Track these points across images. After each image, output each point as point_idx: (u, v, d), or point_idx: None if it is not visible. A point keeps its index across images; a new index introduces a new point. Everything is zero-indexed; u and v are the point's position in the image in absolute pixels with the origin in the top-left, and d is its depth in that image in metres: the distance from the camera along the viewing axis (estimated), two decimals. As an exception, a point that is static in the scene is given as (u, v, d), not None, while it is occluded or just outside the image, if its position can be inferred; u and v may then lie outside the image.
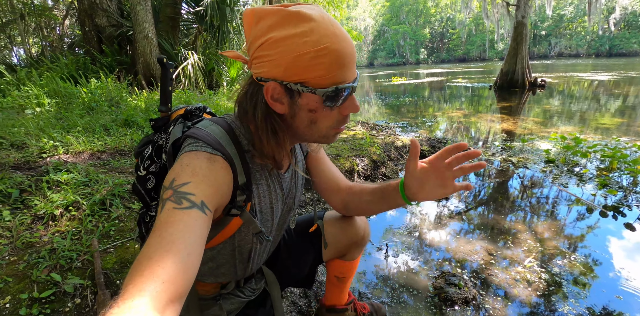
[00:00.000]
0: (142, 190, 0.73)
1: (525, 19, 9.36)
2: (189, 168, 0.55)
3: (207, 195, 0.54)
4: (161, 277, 0.41)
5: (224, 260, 0.76)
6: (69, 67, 4.60)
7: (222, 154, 0.59)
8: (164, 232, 0.46)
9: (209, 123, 0.65)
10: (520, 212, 2.29)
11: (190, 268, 0.46)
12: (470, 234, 2.02)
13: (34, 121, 2.59)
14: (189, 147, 0.59)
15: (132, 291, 0.39)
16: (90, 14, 5.45)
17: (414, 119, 6.03)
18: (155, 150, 0.73)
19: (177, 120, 0.72)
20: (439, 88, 12.03)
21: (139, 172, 0.73)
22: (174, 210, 0.49)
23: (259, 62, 0.57)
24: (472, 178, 3.03)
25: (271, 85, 0.57)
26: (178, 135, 0.66)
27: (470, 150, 0.66)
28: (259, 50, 0.56)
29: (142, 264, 0.43)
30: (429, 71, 26.08)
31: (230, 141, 0.63)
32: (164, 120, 0.75)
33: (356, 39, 11.12)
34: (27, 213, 1.51)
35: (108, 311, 0.37)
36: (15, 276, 1.21)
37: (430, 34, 59.33)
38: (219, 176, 0.58)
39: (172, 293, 0.42)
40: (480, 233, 2.03)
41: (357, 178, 2.79)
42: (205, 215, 0.51)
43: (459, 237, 1.98)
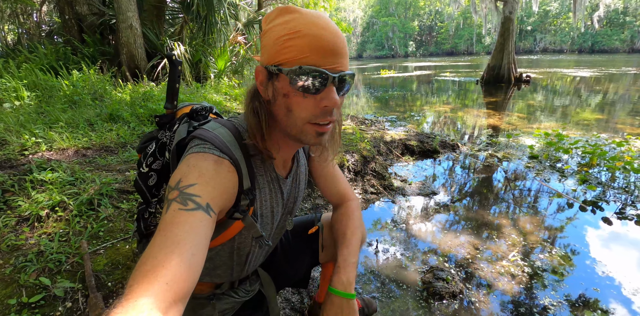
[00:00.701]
0: (144, 186, 0.74)
1: (512, 15, 9.47)
2: (196, 170, 0.55)
3: (213, 198, 0.54)
4: (165, 278, 0.42)
5: (221, 262, 0.77)
6: (49, 58, 4.40)
7: (229, 158, 0.60)
8: (169, 232, 0.47)
9: (217, 125, 0.65)
10: (504, 206, 2.38)
11: (194, 269, 0.46)
12: (457, 228, 2.09)
13: (14, 116, 2.49)
14: (196, 148, 0.59)
15: (136, 291, 0.39)
16: (70, 1, 5.20)
17: (403, 113, 6.08)
18: (159, 147, 0.73)
19: (183, 119, 0.72)
20: (427, 82, 12.13)
21: (141, 168, 0.74)
22: (179, 211, 0.50)
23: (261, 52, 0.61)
24: (458, 171, 3.11)
25: (258, 69, 0.61)
26: (183, 135, 0.66)
27: None
28: (261, 43, 0.62)
29: (147, 264, 0.43)
30: (418, 64, 26.20)
31: (237, 145, 0.64)
32: (169, 117, 0.75)
33: (345, 31, 11.01)
34: (11, 215, 1.47)
35: (112, 311, 0.37)
36: (2, 280, 1.18)
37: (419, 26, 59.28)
38: (225, 179, 0.58)
39: (176, 293, 0.42)
40: (466, 227, 2.09)
41: (347, 173, 2.81)
42: (210, 217, 0.52)
43: (446, 232, 2.04)
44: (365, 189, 2.76)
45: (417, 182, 2.86)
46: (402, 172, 3.16)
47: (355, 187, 2.76)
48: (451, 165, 3.29)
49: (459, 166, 3.27)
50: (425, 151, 3.66)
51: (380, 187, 2.80)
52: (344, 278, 0.77)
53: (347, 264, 0.79)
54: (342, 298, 0.75)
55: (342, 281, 0.77)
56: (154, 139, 0.75)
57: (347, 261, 0.80)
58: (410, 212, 2.33)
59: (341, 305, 0.75)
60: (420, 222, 2.17)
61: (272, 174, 0.73)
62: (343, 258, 0.81)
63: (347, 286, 0.76)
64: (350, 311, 0.75)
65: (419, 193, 2.67)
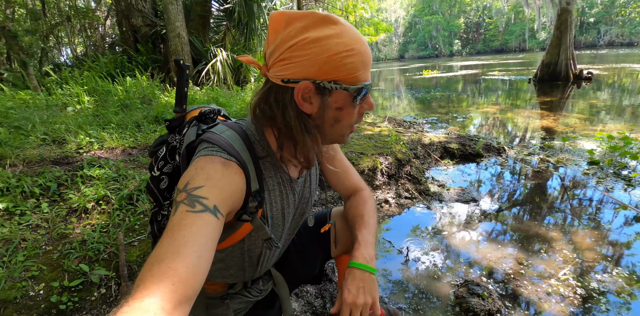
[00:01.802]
0: (156, 189, 0.75)
1: (570, 6, 8.59)
2: (204, 172, 0.55)
3: (220, 200, 0.54)
4: (171, 279, 0.42)
5: (232, 262, 0.77)
6: (108, 66, 4.88)
7: (236, 160, 0.60)
8: (176, 233, 0.48)
9: (225, 128, 0.66)
10: (557, 217, 2.13)
11: (201, 270, 0.47)
12: (499, 240, 1.90)
13: (74, 118, 2.77)
14: (204, 151, 0.60)
15: (143, 291, 0.40)
16: (126, 15, 5.72)
17: (445, 115, 5.79)
18: (169, 151, 0.74)
19: (192, 122, 0.73)
20: (473, 82, 11.46)
21: (152, 172, 0.75)
22: (187, 212, 0.50)
23: (289, 63, 0.57)
24: (504, 176, 2.86)
25: (304, 84, 0.57)
26: (192, 138, 0.67)
27: None
28: (289, 52, 0.56)
29: (154, 265, 0.44)
30: (463, 63, 24.89)
31: (245, 147, 0.64)
32: (178, 121, 0.76)
33: (386, 31, 10.82)
34: (62, 206, 1.62)
35: (119, 310, 0.38)
36: (50, 265, 1.30)
37: (465, 24, 56.39)
38: (232, 181, 0.58)
39: (182, 294, 0.43)
40: (511, 238, 1.90)
41: (380, 177, 2.72)
42: (217, 219, 0.52)
43: (486, 243, 1.87)
44: (399, 193, 2.64)
45: (456, 188, 2.68)
46: (440, 176, 2.98)
47: (389, 190, 2.65)
48: (496, 170, 3.04)
49: (505, 171, 3.01)
50: (467, 155, 3.43)
51: (416, 192, 2.66)
52: (365, 253, 0.77)
53: (366, 242, 0.79)
54: (364, 271, 0.74)
55: (364, 256, 0.76)
56: (164, 143, 0.76)
57: (367, 239, 0.80)
58: (447, 220, 2.18)
59: (363, 278, 0.74)
60: (457, 231, 2.02)
61: (283, 176, 0.72)
62: (362, 236, 0.80)
63: (370, 261, 0.76)
64: (372, 286, 0.74)
65: (457, 199, 2.49)
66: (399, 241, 1.92)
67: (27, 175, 1.76)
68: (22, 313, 1.12)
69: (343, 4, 11.14)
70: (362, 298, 0.72)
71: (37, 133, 2.31)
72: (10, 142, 2.12)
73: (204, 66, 5.67)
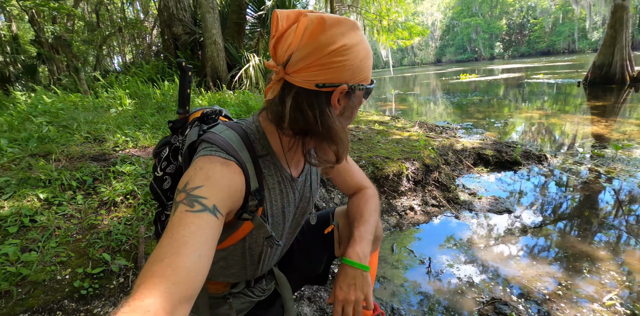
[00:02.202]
0: (159, 190, 0.77)
1: (626, 1, 7.83)
2: (203, 172, 0.56)
3: (220, 199, 0.54)
4: (171, 279, 0.43)
5: (234, 261, 0.77)
6: (150, 72, 5.23)
7: (235, 159, 0.60)
8: (176, 233, 0.48)
9: (224, 128, 0.66)
10: (607, 234, 1.90)
11: (201, 270, 0.47)
12: (536, 255, 1.73)
13: (115, 119, 2.98)
14: (204, 151, 0.60)
15: (143, 291, 0.41)
16: (168, 24, 6.11)
17: (482, 120, 5.50)
18: (172, 151, 0.75)
19: (194, 123, 0.74)
20: (515, 86, 10.81)
21: (155, 172, 0.76)
22: (186, 212, 0.50)
23: (327, 68, 0.57)
24: (544, 186, 2.62)
25: (342, 88, 0.59)
26: (194, 138, 0.68)
27: None
28: (328, 57, 0.56)
29: (154, 265, 0.44)
30: (505, 66, 23.61)
31: (244, 146, 0.64)
32: (181, 122, 0.78)
33: (420, 34, 10.57)
34: (95, 199, 1.73)
35: (119, 310, 0.39)
36: (77, 252, 1.39)
37: (507, 25, 53.62)
38: (231, 181, 0.58)
39: (182, 294, 0.43)
40: (549, 255, 1.72)
41: (405, 183, 2.61)
42: (217, 218, 0.52)
43: (520, 258, 1.71)
44: (426, 201, 2.52)
45: (489, 197, 2.50)
46: (472, 184, 2.81)
47: (414, 197, 2.54)
48: (535, 180, 2.80)
49: (546, 181, 2.76)
50: (503, 162, 3.21)
51: (443, 200, 2.53)
52: (359, 250, 0.77)
53: (362, 239, 0.79)
54: (356, 269, 0.75)
55: (357, 253, 0.76)
56: (168, 144, 0.77)
57: (363, 237, 0.79)
58: (476, 231, 2.03)
59: (355, 276, 0.74)
60: (486, 243, 1.87)
61: (283, 174, 0.71)
62: (359, 233, 0.80)
63: (362, 258, 0.76)
64: (364, 282, 0.74)
65: (489, 209, 2.32)
66: (421, 251, 1.82)
67: (68, 169, 1.90)
68: (48, 295, 1.20)
69: (377, 8, 11.06)
70: (353, 294, 0.73)
71: (82, 132, 2.51)
72: (57, 139, 2.31)
73: (237, 71, 5.88)
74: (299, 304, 1.42)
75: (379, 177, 2.51)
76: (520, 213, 2.21)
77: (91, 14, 9.50)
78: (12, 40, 8.45)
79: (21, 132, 2.31)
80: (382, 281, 1.56)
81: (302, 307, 1.41)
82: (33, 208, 1.55)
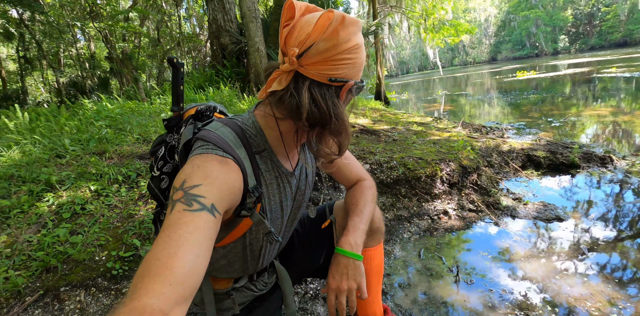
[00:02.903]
0: (157, 189, 0.77)
1: None
2: (200, 171, 0.55)
3: (218, 198, 0.54)
4: (168, 279, 0.42)
5: (236, 258, 0.77)
6: (199, 79, 5.66)
7: (232, 157, 0.60)
8: (173, 233, 0.47)
9: (219, 125, 0.66)
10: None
11: (198, 270, 0.46)
12: (585, 271, 1.50)
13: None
14: (200, 149, 0.60)
15: (140, 292, 0.40)
16: (217, 35, 6.56)
17: (537, 119, 5.00)
18: (168, 150, 0.75)
19: (188, 121, 0.74)
20: (583, 81, 9.64)
21: (153, 172, 0.77)
22: (183, 211, 0.50)
23: (341, 64, 0.60)
24: (606, 192, 2.28)
25: (350, 84, 0.63)
26: (189, 136, 0.68)
27: None
28: (344, 53, 0.59)
29: (151, 264, 0.44)
30: (571, 61, 21.18)
31: (241, 143, 0.64)
32: (176, 120, 0.77)
33: (468, 32, 9.99)
34: (136, 192, 1.91)
35: (116, 311, 0.39)
36: (115, 237, 1.55)
37: (573, 16, 48.11)
38: (229, 179, 0.58)
39: (179, 294, 0.42)
40: (602, 271, 1.49)
41: (439, 185, 2.46)
42: (215, 217, 0.52)
43: (565, 273, 1.50)
44: (462, 205, 2.35)
45: (537, 203, 2.25)
46: (518, 188, 2.56)
47: (449, 201, 2.38)
48: (595, 185, 2.46)
49: (609, 186, 2.41)
50: (558, 164, 2.87)
51: (482, 204, 2.33)
52: (352, 240, 0.77)
53: (356, 229, 0.79)
54: (348, 258, 0.75)
55: (350, 242, 0.76)
56: (163, 143, 0.77)
57: (357, 226, 0.79)
58: (517, 239, 1.83)
59: (347, 265, 0.75)
60: (527, 255, 1.67)
61: (280, 169, 0.71)
62: (353, 223, 0.80)
63: (355, 247, 0.76)
64: (356, 271, 0.75)
65: (536, 216, 2.09)
66: (451, 258, 1.69)
67: (117, 165, 2.13)
68: (86, 273, 1.35)
69: (422, 6, 10.68)
70: (346, 284, 0.74)
71: (134, 134, 2.79)
72: (112, 140, 2.60)
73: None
74: (313, 303, 1.40)
75: (410, 179, 2.40)
76: (573, 223, 1.95)
77: (154, 31, 10.62)
78: (90, 57, 9.77)
79: (84, 133, 2.64)
80: (404, 287, 1.48)
81: (317, 307, 1.39)
82: (85, 198, 1.76)
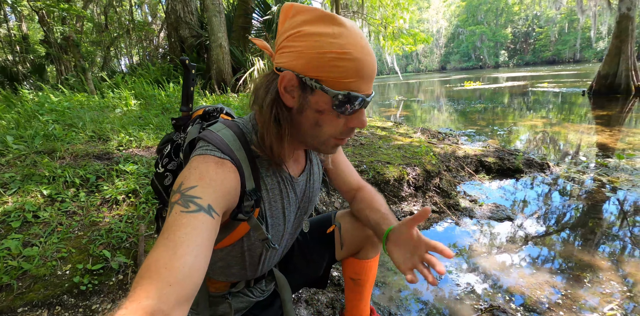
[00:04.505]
0: (160, 186, 0.77)
1: (631, 11, 7.84)
2: (197, 172, 0.56)
3: (214, 199, 0.54)
4: (168, 280, 0.42)
5: (234, 261, 0.77)
6: (156, 73, 5.29)
7: (230, 159, 0.60)
8: (172, 234, 0.48)
9: (222, 126, 0.66)
10: (608, 245, 1.88)
11: (197, 270, 0.46)
12: (536, 264, 1.72)
13: (120, 119, 3.01)
14: (199, 150, 0.61)
15: (140, 293, 0.41)
16: (175, 27, 6.20)
17: (485, 127, 5.50)
18: (174, 148, 0.76)
19: (196, 121, 0.75)
20: (519, 94, 10.80)
21: (157, 168, 0.77)
22: (181, 213, 0.50)
23: (283, 52, 0.58)
24: (546, 195, 2.61)
25: (287, 75, 0.57)
26: (194, 136, 0.68)
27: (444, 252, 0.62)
28: (286, 41, 0.58)
29: (151, 266, 0.44)
30: (510, 75, 23.62)
31: (241, 146, 0.64)
32: (184, 119, 0.78)
33: (424, 42, 10.64)
34: (97, 196, 1.74)
35: (117, 312, 0.38)
36: (78, 248, 1.40)
37: (512, 34, 53.82)
38: (225, 180, 0.58)
39: (180, 295, 0.43)
40: (549, 264, 1.71)
41: (406, 188, 2.61)
42: (213, 218, 0.52)
43: (520, 266, 1.70)
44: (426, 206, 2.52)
45: (490, 204, 2.49)
46: (473, 191, 2.80)
47: (415, 203, 2.54)
48: (537, 188, 2.79)
49: (548, 189, 2.75)
50: (505, 169, 3.20)
51: (444, 206, 2.52)
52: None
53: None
54: None
55: None
56: (170, 141, 0.78)
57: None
58: (476, 237, 2.02)
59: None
60: (486, 251, 1.86)
61: (282, 174, 0.71)
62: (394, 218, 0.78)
63: None
64: None
65: (490, 216, 2.31)
66: (420, 256, 1.81)
67: (72, 167, 1.92)
68: (48, 290, 1.20)
69: (382, 14, 11.15)
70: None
71: (87, 131, 2.53)
72: (62, 137, 2.34)
73: (242, 74, 5.93)
74: (296, 307, 1.41)
75: (380, 182, 2.51)
76: (522, 222, 2.20)
77: (100, 15, 9.66)
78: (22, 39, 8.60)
79: (27, 129, 2.34)
80: (380, 287, 1.56)
81: (300, 310, 1.40)
82: (36, 204, 1.57)
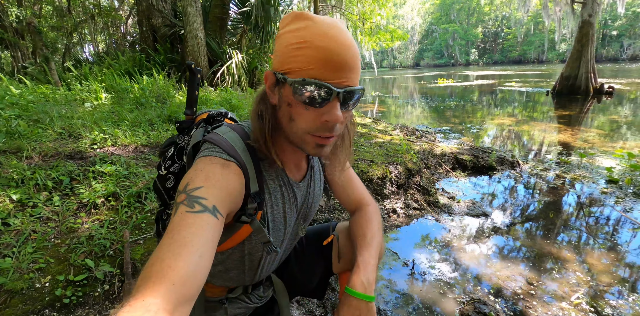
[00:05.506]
0: (162, 188, 0.77)
1: (592, 18, 8.42)
2: (203, 173, 0.56)
3: (219, 200, 0.55)
4: (172, 279, 0.43)
5: (233, 265, 0.77)
6: (126, 64, 4.99)
7: (236, 161, 0.61)
8: (176, 234, 0.48)
9: (227, 129, 0.67)
10: (572, 236, 2.05)
11: (201, 270, 0.47)
12: (511, 257, 1.84)
13: (91, 114, 2.83)
14: (205, 151, 0.61)
15: (144, 291, 0.41)
16: (147, 15, 5.86)
17: (458, 125, 5.72)
18: (177, 151, 0.76)
19: (200, 124, 0.75)
20: (489, 92, 11.31)
21: (160, 171, 0.77)
22: (186, 213, 0.50)
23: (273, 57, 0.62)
24: (517, 191, 2.78)
25: (268, 74, 0.61)
26: (199, 139, 0.68)
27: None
28: (275, 45, 0.62)
29: (154, 265, 0.44)
30: (480, 73, 24.62)
31: (246, 148, 0.64)
32: (188, 123, 0.79)
33: (401, 39, 10.80)
34: (73, 200, 1.64)
35: (120, 310, 0.38)
36: (57, 258, 1.32)
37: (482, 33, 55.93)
38: (230, 181, 0.58)
39: (183, 295, 0.43)
40: (522, 256, 1.84)
41: (389, 186, 2.68)
42: (217, 219, 0.52)
43: (496, 259, 1.81)
44: (408, 204, 2.60)
45: (467, 201, 2.62)
46: (451, 188, 2.92)
47: (397, 200, 2.61)
48: (509, 184, 2.96)
49: (519, 186, 2.93)
50: (480, 167, 3.36)
51: (424, 203, 2.62)
52: (364, 278, 0.71)
53: (367, 265, 0.74)
54: (360, 301, 0.70)
55: (362, 282, 0.71)
56: (173, 144, 0.78)
57: (367, 262, 0.74)
58: (456, 233, 2.12)
59: (359, 308, 0.69)
60: (465, 246, 1.96)
61: (284, 179, 0.72)
62: (363, 258, 0.75)
63: (367, 288, 0.71)
64: (368, 314, 0.70)
65: (467, 213, 2.44)
66: (404, 253, 1.88)
67: (42, 168, 1.79)
68: (27, 304, 1.12)
69: (360, 10, 11.19)
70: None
71: (55, 127, 2.36)
72: (28, 135, 2.17)
73: (219, 67, 5.74)
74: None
75: (364, 180, 2.56)
76: (496, 216, 2.34)
77: (61, -2, 8.93)
78: (-30, 22, 7.74)
79: (-13, 126, 2.15)
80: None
81: (291, 310, 1.42)
82: (5, 211, 1.45)
